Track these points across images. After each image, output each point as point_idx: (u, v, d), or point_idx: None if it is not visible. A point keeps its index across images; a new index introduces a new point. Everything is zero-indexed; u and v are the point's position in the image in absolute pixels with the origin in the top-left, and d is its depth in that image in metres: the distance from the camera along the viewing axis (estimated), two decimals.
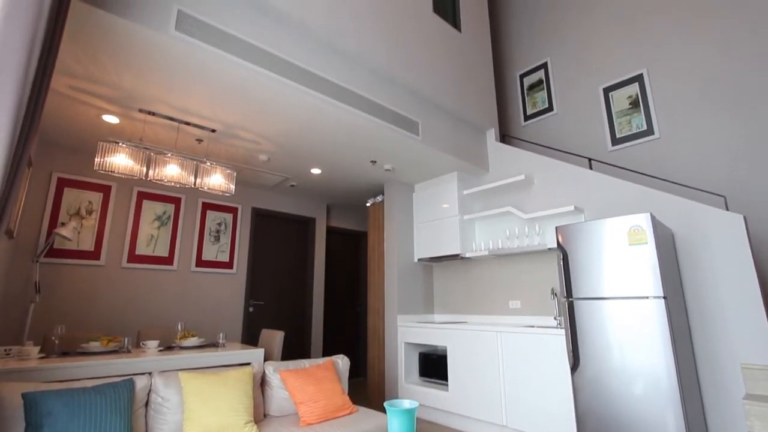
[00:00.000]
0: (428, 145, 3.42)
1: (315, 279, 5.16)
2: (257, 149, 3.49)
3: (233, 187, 3.13)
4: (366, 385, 4.98)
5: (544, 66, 4.89)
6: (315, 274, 5.18)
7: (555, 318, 3.29)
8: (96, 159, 2.56)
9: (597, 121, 4.27)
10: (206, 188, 2.99)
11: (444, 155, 3.60)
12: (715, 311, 2.50)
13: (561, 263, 2.62)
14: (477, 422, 3.18)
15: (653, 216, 2.35)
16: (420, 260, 4.20)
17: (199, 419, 1.89)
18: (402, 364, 3.83)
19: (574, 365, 2.44)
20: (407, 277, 4.11)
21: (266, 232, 4.88)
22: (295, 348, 4.88)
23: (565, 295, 2.56)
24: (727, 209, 3.22)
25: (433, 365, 3.71)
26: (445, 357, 3.56)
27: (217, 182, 3.05)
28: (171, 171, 2.83)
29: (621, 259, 2.37)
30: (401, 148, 3.44)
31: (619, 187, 3.10)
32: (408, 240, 4.23)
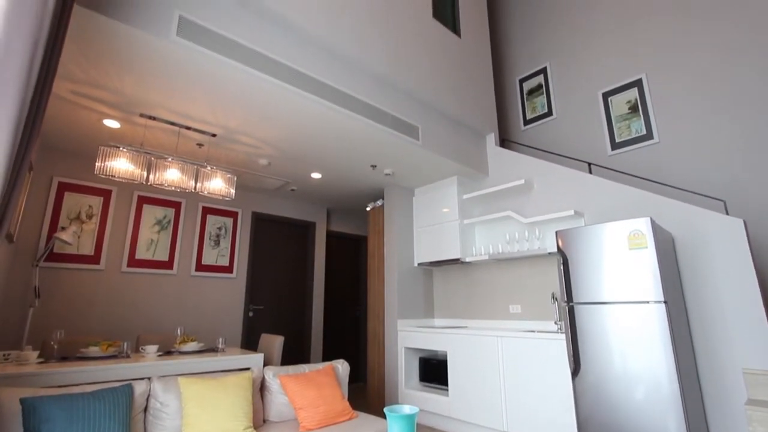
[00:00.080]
0: (428, 150, 3.43)
1: (315, 283, 5.16)
2: (258, 154, 3.50)
3: (233, 192, 3.14)
4: (366, 391, 4.96)
5: (544, 71, 4.91)
6: (315, 279, 5.17)
7: (555, 322, 3.29)
8: (97, 163, 2.57)
9: (596, 126, 4.29)
10: (206, 192, 3.00)
11: (444, 160, 3.61)
12: (716, 316, 2.50)
13: (561, 267, 2.61)
14: (477, 428, 3.16)
15: (653, 220, 2.35)
16: (420, 265, 4.20)
17: (198, 425, 1.88)
18: (402, 369, 3.82)
19: (575, 370, 2.43)
20: (407, 282, 4.10)
21: (266, 237, 4.88)
22: (295, 353, 4.87)
23: (566, 300, 2.55)
24: (727, 213, 3.22)
25: (434, 370, 3.69)
26: (446, 362, 3.55)
27: (218, 186, 3.05)
28: (171, 175, 2.83)
29: (621, 264, 2.37)
30: (401, 153, 3.44)
31: (619, 192, 3.10)
32: (408, 244, 4.23)
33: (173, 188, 2.85)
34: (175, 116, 2.81)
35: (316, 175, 4.08)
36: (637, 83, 4.01)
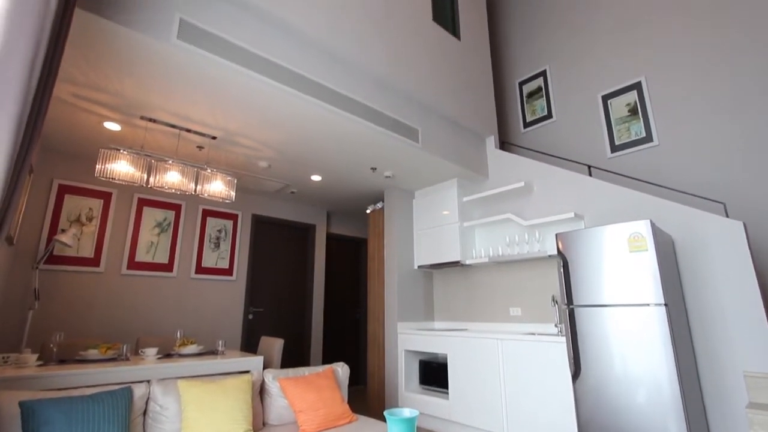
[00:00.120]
0: (428, 152, 3.43)
1: (315, 286, 5.15)
2: (258, 156, 3.50)
3: (233, 194, 3.14)
4: (366, 394, 4.94)
5: (543, 74, 4.92)
6: (315, 281, 5.17)
7: (556, 325, 3.28)
8: (97, 166, 2.57)
9: (596, 129, 4.29)
10: (207, 195, 3.00)
11: (444, 162, 3.62)
12: (717, 318, 2.49)
13: (561, 270, 2.61)
14: (478, 431, 3.14)
15: (653, 223, 2.35)
16: (420, 267, 4.20)
17: (198, 428, 1.88)
18: (402, 372, 3.81)
19: (576, 373, 2.43)
20: (407, 284, 4.10)
21: (266, 239, 4.88)
22: (295, 355, 4.86)
23: (566, 303, 2.55)
24: (727, 216, 3.22)
25: (434, 373, 3.68)
26: (446, 365, 3.54)
27: (218, 189, 3.05)
28: (172, 178, 2.84)
29: (621, 266, 2.37)
30: (401, 156, 3.45)
31: (619, 194, 3.11)
32: (408, 247, 4.23)
33: (173, 191, 2.85)
34: (176, 119, 2.82)
35: (316, 178, 4.08)
36: (637, 86, 4.02)
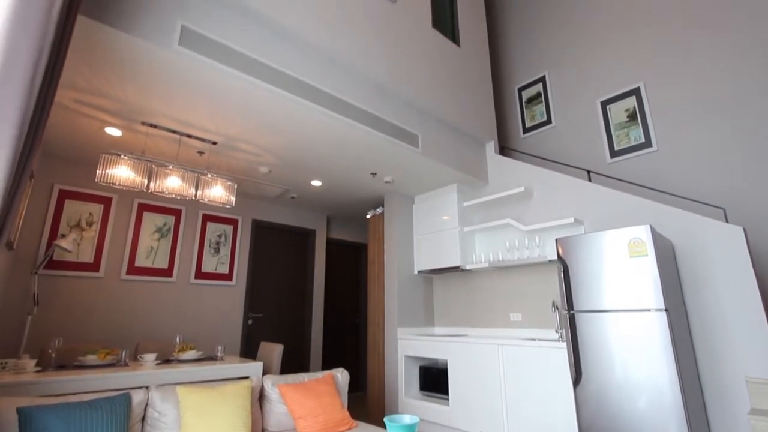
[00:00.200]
0: (428, 158, 3.44)
1: (315, 291, 5.14)
2: (258, 161, 3.51)
3: (234, 199, 3.14)
4: (366, 400, 4.91)
5: (542, 79, 4.95)
6: (315, 286, 5.15)
7: (556, 331, 3.27)
8: (97, 171, 2.58)
9: (595, 134, 4.31)
10: (207, 200, 3.00)
11: (444, 167, 3.62)
12: (718, 324, 2.49)
13: (561, 275, 2.61)
14: None
15: (653, 228, 2.35)
16: (420, 272, 4.19)
17: None
18: (402, 378, 3.79)
19: (577, 379, 2.42)
20: (407, 289, 4.09)
21: (266, 244, 4.88)
22: (294, 361, 4.83)
23: (566, 308, 2.55)
24: (727, 221, 3.22)
25: (434, 379, 3.66)
26: (446, 370, 3.52)
27: (218, 194, 3.06)
28: (172, 183, 2.84)
29: (622, 272, 2.36)
30: (401, 161, 3.46)
31: (619, 199, 3.11)
32: (408, 252, 4.23)
33: (174, 196, 2.86)
34: (176, 124, 2.83)
35: (317, 183, 4.09)
36: (635, 92, 4.03)
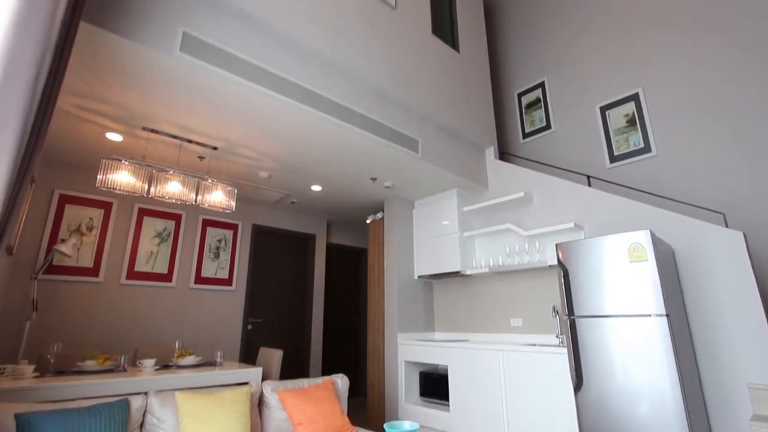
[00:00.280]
0: (428, 163, 3.45)
1: (314, 296, 5.13)
2: (258, 166, 3.52)
3: (234, 204, 3.15)
4: (366, 405, 4.88)
5: (542, 85, 4.97)
6: (315, 291, 5.14)
7: (557, 336, 3.26)
8: (98, 176, 2.58)
9: (594, 139, 4.32)
10: (207, 205, 3.00)
11: (444, 172, 3.63)
12: (719, 329, 2.48)
13: (562, 280, 2.60)
14: None
15: (653, 233, 2.35)
16: (420, 277, 4.18)
17: None
18: (402, 384, 3.77)
19: (578, 385, 2.40)
20: (407, 295, 4.08)
21: (266, 249, 4.88)
22: (294, 366, 4.81)
23: (567, 313, 2.54)
24: (727, 226, 3.22)
25: (434, 385, 3.64)
26: (446, 376, 3.50)
27: (218, 199, 3.06)
28: (172, 188, 2.85)
29: (622, 277, 2.36)
30: (401, 166, 3.46)
31: (618, 204, 3.11)
32: (408, 257, 4.22)
33: (174, 201, 2.86)
34: (177, 129, 2.84)
35: (317, 188, 4.09)
36: (634, 97, 4.05)
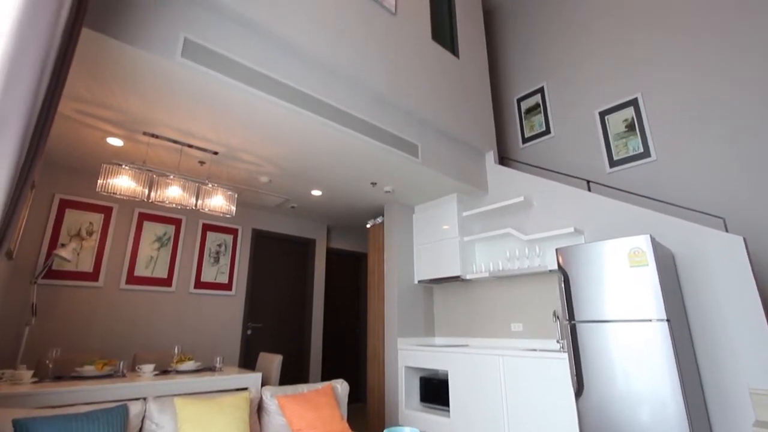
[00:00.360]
0: (428, 168, 3.46)
1: (314, 301, 5.11)
2: (259, 171, 3.53)
3: (234, 209, 3.15)
4: (366, 411, 4.85)
5: (541, 90, 4.99)
6: (314, 296, 5.13)
7: (558, 341, 3.24)
8: (99, 181, 2.59)
9: (594, 144, 4.33)
10: (207, 210, 3.01)
11: (443, 177, 3.64)
12: (720, 334, 2.47)
13: (562, 285, 2.60)
14: None
15: (653, 238, 2.35)
16: (420, 282, 4.17)
17: None
18: (402, 389, 3.75)
19: (579, 390, 2.39)
20: (407, 299, 4.07)
21: (266, 254, 4.87)
22: (294, 371, 4.79)
23: (567, 318, 2.53)
24: (727, 231, 3.22)
25: (434, 390, 3.62)
26: (447, 382, 3.49)
27: (218, 204, 3.07)
28: (173, 192, 2.85)
29: (622, 281, 2.36)
30: (401, 171, 3.47)
31: (618, 209, 3.11)
32: (408, 261, 4.22)
33: (174, 205, 2.86)
34: (178, 134, 2.85)
35: (317, 193, 4.10)
36: (633, 102, 4.07)
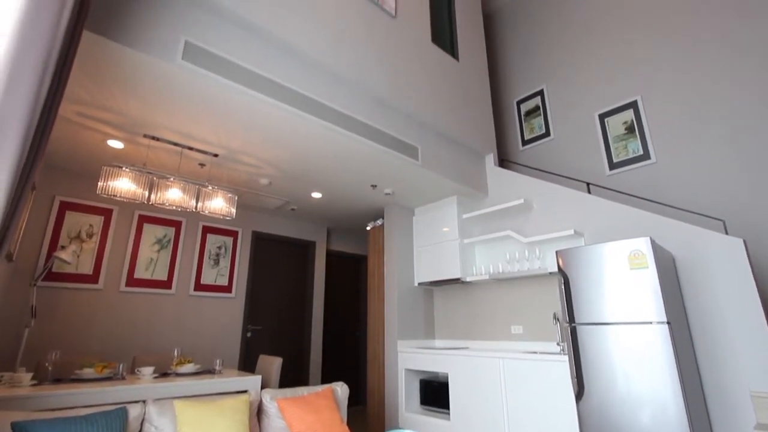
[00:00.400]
0: (428, 170, 3.46)
1: (314, 303, 5.11)
2: (259, 173, 3.53)
3: (234, 211, 3.15)
4: (366, 414, 4.84)
5: (541, 93, 5.00)
6: (314, 299, 5.13)
7: (558, 344, 3.24)
8: (99, 183, 2.59)
9: (594, 146, 4.34)
10: (207, 212, 3.01)
11: (443, 179, 3.64)
12: (720, 336, 2.46)
13: (562, 288, 2.60)
14: None
15: (653, 240, 2.35)
16: (420, 284, 4.17)
17: None
18: (402, 392, 3.74)
19: (579, 393, 2.39)
20: (407, 302, 4.07)
21: (266, 256, 4.87)
22: (294, 374, 4.78)
23: (567, 321, 2.53)
24: (727, 233, 3.22)
25: (435, 393, 3.62)
26: (447, 384, 3.48)
27: (218, 206, 3.07)
28: (173, 195, 2.85)
29: (622, 284, 2.35)
30: (401, 173, 3.47)
31: (618, 211, 3.11)
32: (408, 264, 4.21)
33: (174, 207, 2.86)
34: (178, 137, 2.85)
35: (317, 195, 4.10)
36: (633, 105, 4.07)
